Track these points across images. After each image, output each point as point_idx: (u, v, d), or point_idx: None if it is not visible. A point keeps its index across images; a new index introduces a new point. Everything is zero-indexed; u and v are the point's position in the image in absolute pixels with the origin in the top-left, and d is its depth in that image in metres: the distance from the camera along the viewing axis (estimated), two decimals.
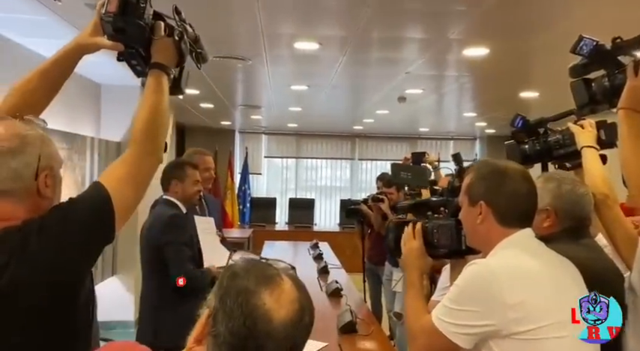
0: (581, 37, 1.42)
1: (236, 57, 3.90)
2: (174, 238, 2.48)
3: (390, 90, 5.13)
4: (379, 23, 2.99)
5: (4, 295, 1.05)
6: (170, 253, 2.46)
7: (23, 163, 1.10)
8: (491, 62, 3.81)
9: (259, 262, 0.93)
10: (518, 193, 1.26)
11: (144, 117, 1.26)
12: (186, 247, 2.50)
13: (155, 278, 2.53)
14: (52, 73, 1.34)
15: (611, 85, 1.39)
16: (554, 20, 2.93)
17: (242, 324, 0.80)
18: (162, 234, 2.48)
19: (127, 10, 1.22)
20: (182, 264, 2.45)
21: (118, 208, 1.17)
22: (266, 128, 9.95)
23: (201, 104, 6.59)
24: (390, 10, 2.78)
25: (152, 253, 2.52)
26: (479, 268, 1.20)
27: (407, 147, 10.57)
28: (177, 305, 2.49)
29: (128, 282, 5.41)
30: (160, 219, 2.54)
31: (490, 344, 1.17)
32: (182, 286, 2.39)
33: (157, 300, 2.52)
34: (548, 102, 5.74)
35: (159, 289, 2.51)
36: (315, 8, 2.81)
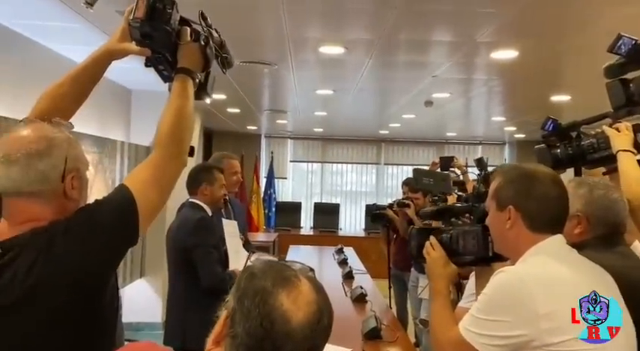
0: (619, 35, 1.37)
1: (262, 62, 3.93)
2: (203, 241, 2.51)
3: (416, 94, 5.08)
4: (406, 26, 2.96)
5: (31, 294, 1.07)
6: (199, 255, 2.48)
7: (50, 165, 1.12)
8: (521, 65, 3.73)
9: (277, 263, 0.92)
10: (549, 198, 1.22)
11: (169, 121, 1.27)
12: (215, 250, 2.53)
13: (183, 280, 2.55)
14: (82, 79, 1.37)
15: None
16: (586, 21, 2.85)
17: (259, 325, 0.80)
18: (190, 236, 2.51)
19: (154, 16, 1.24)
20: (211, 266, 2.48)
21: (143, 211, 1.18)
22: (292, 133, 10.00)
23: (228, 109, 6.66)
24: (417, 12, 2.75)
25: (180, 255, 2.55)
26: (508, 276, 1.16)
27: (434, 152, 10.44)
28: (205, 307, 2.50)
29: (156, 284, 5.49)
30: (188, 222, 2.57)
31: None
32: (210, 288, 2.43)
33: (185, 302, 2.54)
34: (581, 105, 5.59)
35: (187, 291, 2.53)
36: (340, 12, 2.80)
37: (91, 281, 1.12)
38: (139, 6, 1.24)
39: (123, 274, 4.97)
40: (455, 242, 1.41)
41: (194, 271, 2.49)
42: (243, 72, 4.33)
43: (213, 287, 2.56)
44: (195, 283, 2.49)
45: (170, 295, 2.68)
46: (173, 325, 2.59)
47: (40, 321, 1.08)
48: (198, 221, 2.55)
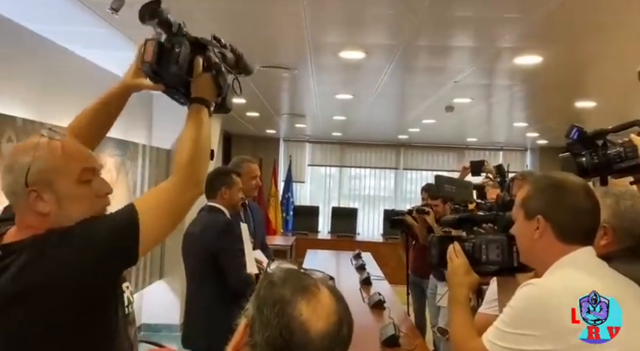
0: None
1: (282, 66, 3.94)
2: (231, 245, 2.54)
3: (437, 99, 5.04)
4: (427, 31, 2.94)
5: (17, 299, 1.08)
6: (227, 259, 2.50)
7: (12, 179, 1.13)
8: (544, 71, 3.67)
9: (297, 271, 0.91)
10: (581, 208, 1.19)
11: (185, 150, 1.27)
12: (241, 254, 2.55)
13: (208, 284, 2.57)
14: (101, 112, 1.40)
15: None
16: (612, 27, 2.79)
17: (278, 334, 0.79)
18: (217, 240, 2.53)
19: (162, 59, 1.24)
20: (238, 270, 2.51)
21: (147, 235, 1.17)
22: (310, 136, 10.01)
23: (247, 113, 6.70)
24: (439, 17, 2.72)
25: (206, 258, 2.56)
26: (536, 288, 1.13)
27: (454, 157, 10.35)
28: (231, 311, 2.53)
29: (175, 286, 5.54)
30: (214, 225, 2.59)
31: None
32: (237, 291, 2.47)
33: (210, 305, 2.55)
34: (606, 112, 5.48)
35: (212, 294, 2.55)
36: (361, 17, 2.80)
37: (81, 291, 1.10)
38: (147, 49, 1.24)
39: (143, 276, 5.03)
40: (478, 251, 1.38)
41: (219, 275, 2.52)
42: (263, 76, 4.35)
43: (240, 291, 2.59)
44: (220, 287, 2.52)
45: (191, 299, 2.70)
46: (197, 328, 2.60)
47: (26, 328, 1.09)
48: (226, 225, 2.59)
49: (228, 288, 2.51)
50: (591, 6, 2.51)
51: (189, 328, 2.69)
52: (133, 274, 4.56)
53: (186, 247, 2.74)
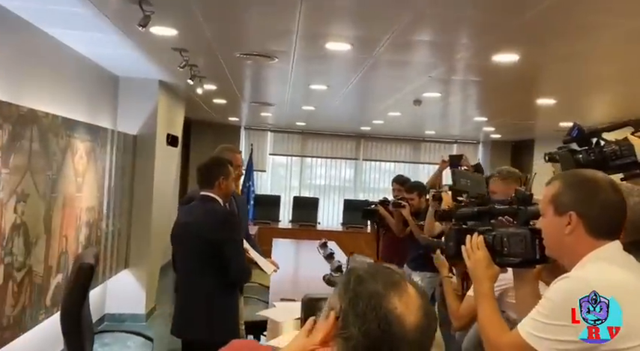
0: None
1: (263, 54, 3.90)
2: (234, 236, 2.57)
3: (408, 92, 5.15)
4: (418, 26, 3.00)
5: None
6: (231, 249, 2.52)
7: None
8: (517, 68, 3.84)
9: (380, 266, 0.94)
10: (611, 204, 1.25)
11: None
12: (242, 243, 2.57)
13: (208, 274, 2.56)
14: None
15: None
16: (585, 30, 2.96)
17: (376, 327, 0.82)
18: (221, 230, 2.53)
19: None
20: (241, 260, 2.56)
21: None
22: (272, 125, 9.95)
23: (215, 100, 6.57)
24: (432, 14, 2.79)
25: (207, 248, 2.54)
26: (575, 282, 1.18)
27: (411, 149, 10.63)
28: (231, 299, 2.57)
29: (140, 275, 5.40)
30: (216, 215, 2.58)
31: None
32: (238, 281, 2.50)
33: (211, 295, 2.56)
34: (564, 109, 5.81)
35: (213, 284, 2.55)
36: (357, 9, 2.82)
37: None
38: None
39: (109, 265, 4.87)
40: (499, 244, 1.42)
41: (220, 265, 2.52)
42: (240, 64, 4.29)
43: (241, 280, 2.62)
44: (220, 276, 2.53)
45: (188, 288, 2.67)
46: (196, 318, 2.58)
47: None
48: (229, 216, 2.61)
49: (228, 277, 2.53)
50: (565, 12, 2.64)
51: (185, 318, 2.66)
52: (100, 264, 4.41)
53: (183, 237, 2.69)
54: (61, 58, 3.92)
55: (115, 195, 4.88)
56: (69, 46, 4.00)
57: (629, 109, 5.53)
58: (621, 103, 5.48)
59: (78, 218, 3.97)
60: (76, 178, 3.90)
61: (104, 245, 4.69)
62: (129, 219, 5.32)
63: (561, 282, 1.20)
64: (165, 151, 5.97)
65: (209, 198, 2.66)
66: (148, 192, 5.42)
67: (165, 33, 3.35)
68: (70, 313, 2.28)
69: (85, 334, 2.38)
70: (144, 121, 5.39)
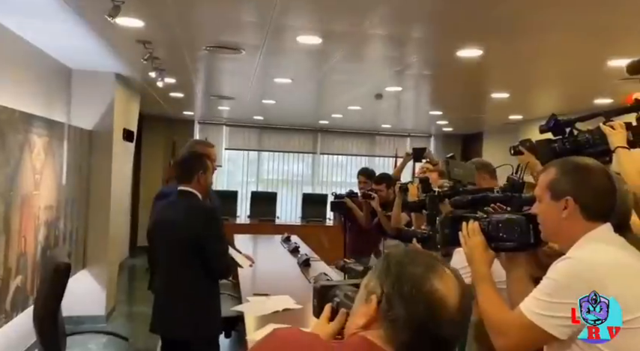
0: None
1: (230, 47, 3.84)
2: (217, 231, 2.54)
3: (371, 86, 5.23)
4: (389, 21, 3.06)
5: None
6: (214, 245, 2.49)
7: None
8: (479, 64, 3.99)
9: (417, 251, 0.98)
10: (604, 189, 1.33)
11: None
12: (225, 238, 2.55)
13: (192, 270, 2.53)
14: None
15: None
16: (546, 28, 3.12)
17: (423, 308, 0.85)
18: (205, 226, 2.49)
19: None
20: (226, 255, 2.56)
21: None
22: (228, 119, 9.80)
23: (171, 93, 6.40)
24: (403, 9, 2.86)
25: (190, 244, 2.49)
26: (577, 262, 1.24)
27: (367, 142, 10.79)
28: (215, 295, 2.55)
29: (99, 275, 5.21)
30: (199, 211, 2.53)
31: None
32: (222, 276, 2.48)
33: (194, 291, 2.52)
34: (516, 103, 6.10)
35: (196, 280, 2.52)
36: (329, 2, 2.83)
37: None
38: None
39: None
40: (495, 229, 1.48)
41: (203, 261, 2.49)
42: (204, 57, 4.21)
43: (225, 275, 2.60)
44: (204, 272, 2.50)
45: (168, 286, 2.61)
46: (179, 316, 2.53)
47: None
48: (212, 211, 2.57)
49: (211, 273, 2.50)
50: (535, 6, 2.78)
51: (168, 315, 2.60)
52: None
53: (164, 234, 2.62)
54: (13, 49, 3.70)
55: (71, 193, 4.67)
56: (20, 37, 3.78)
57: (574, 102, 5.89)
58: (567, 97, 5.82)
59: (36, 218, 3.78)
60: (34, 175, 3.70)
61: (62, 245, 4.48)
62: (86, 217, 5.11)
63: (563, 262, 1.27)
64: (122, 147, 5.77)
65: (188, 193, 2.61)
66: (105, 189, 5.22)
67: (131, 24, 3.23)
68: (47, 316, 2.18)
69: (60, 336, 2.29)
70: (100, 115, 5.18)
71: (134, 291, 7.08)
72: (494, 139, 9.63)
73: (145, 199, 9.19)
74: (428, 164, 3.71)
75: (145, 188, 9.50)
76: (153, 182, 9.57)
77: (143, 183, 9.60)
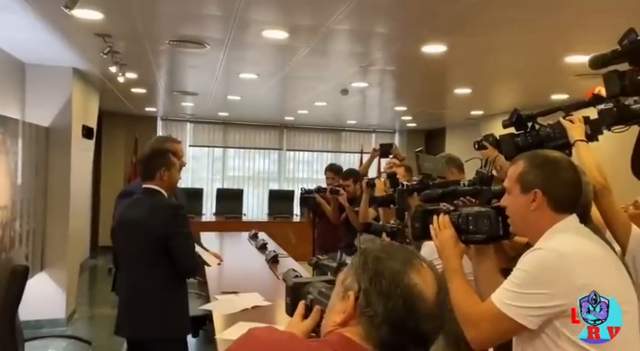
0: (631, 29, 1.44)
1: (194, 41, 3.76)
2: (183, 229, 2.47)
3: (337, 82, 5.24)
4: (355, 16, 3.06)
5: None
6: (179, 242, 2.44)
7: None
8: (443, 60, 4.05)
9: (393, 245, 0.97)
10: (571, 182, 1.37)
11: None
12: (191, 236, 2.49)
13: (158, 270, 2.46)
14: None
15: None
16: (508, 24, 3.20)
17: (401, 303, 0.84)
18: (169, 224, 2.43)
19: None
20: (190, 254, 2.48)
21: None
22: (192, 116, 9.63)
23: (133, 89, 6.23)
24: (369, 4, 2.86)
25: (156, 243, 2.43)
26: (547, 253, 1.26)
27: (332, 138, 10.82)
28: (182, 294, 2.50)
29: (58, 277, 5.02)
30: (163, 209, 2.47)
31: (555, 323, 1.24)
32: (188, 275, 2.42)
33: (161, 291, 2.46)
34: (478, 98, 6.23)
35: (163, 279, 2.46)
36: None
37: None
38: None
39: None
40: (465, 222, 1.50)
41: (169, 259, 2.44)
42: (168, 52, 4.11)
43: (191, 273, 2.54)
44: (171, 272, 2.45)
45: (134, 287, 2.53)
46: (145, 317, 2.46)
47: None
48: (177, 209, 2.51)
49: (178, 272, 2.45)
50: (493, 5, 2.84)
51: (134, 316, 2.53)
52: None
53: (128, 233, 2.54)
54: None
55: (28, 192, 4.48)
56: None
57: (532, 97, 6.07)
58: (526, 93, 5.99)
59: None
60: None
61: (18, 247, 4.29)
62: (44, 217, 4.91)
63: (532, 253, 1.30)
64: (81, 144, 5.57)
65: (152, 191, 2.54)
66: (64, 188, 5.03)
67: (90, 16, 3.12)
68: (4, 321, 2.08)
69: (18, 342, 2.19)
70: (57, 111, 4.98)
71: (95, 293, 6.88)
72: (457, 134, 9.84)
73: (106, 198, 8.94)
74: (394, 160, 3.75)
75: (105, 187, 9.24)
76: (114, 180, 9.32)
77: (104, 181, 9.33)
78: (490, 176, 1.62)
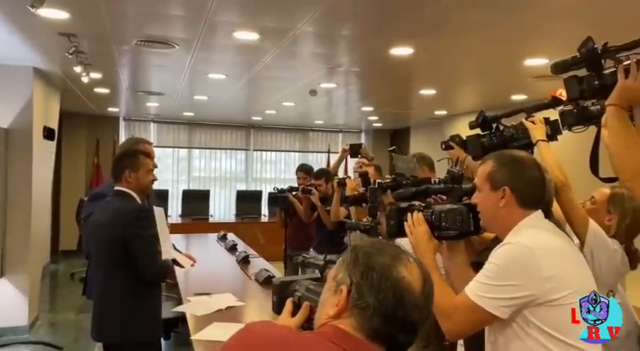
0: (589, 38, 1.52)
1: (164, 42, 3.73)
2: (144, 232, 2.41)
3: (306, 83, 5.28)
4: (326, 20, 3.11)
5: None
6: (140, 246, 2.38)
7: None
8: (410, 62, 4.16)
9: (381, 242, 1.03)
10: (536, 180, 1.45)
11: None
12: (155, 240, 2.43)
13: (121, 274, 2.42)
14: None
15: (600, 85, 1.51)
16: (474, 27, 3.32)
17: (392, 295, 0.91)
18: (130, 227, 2.38)
19: None
20: (152, 257, 2.41)
21: None
22: (156, 116, 9.47)
23: (96, 89, 6.09)
24: (338, 8, 2.91)
25: (117, 247, 2.39)
26: (516, 247, 1.34)
27: (300, 138, 10.86)
28: (147, 297, 2.46)
29: (20, 283, 4.86)
30: (124, 212, 2.42)
31: (524, 313, 1.32)
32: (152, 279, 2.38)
33: (126, 295, 2.42)
34: (442, 99, 6.40)
35: (127, 283, 2.41)
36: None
37: None
38: None
39: None
40: (437, 219, 1.57)
41: (132, 264, 2.39)
42: (135, 51, 4.05)
43: (155, 278, 2.49)
44: (134, 276, 2.40)
45: (101, 290, 2.50)
46: (110, 320, 2.44)
47: None
48: (139, 211, 2.44)
49: (142, 276, 2.41)
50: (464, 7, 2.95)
51: (102, 320, 2.50)
52: None
53: (93, 236, 2.52)
54: None
55: None
56: None
57: (493, 98, 6.30)
58: (487, 94, 6.20)
59: None
60: None
61: None
62: (4, 222, 4.75)
63: (503, 248, 1.37)
64: (43, 146, 5.41)
65: (121, 193, 2.52)
66: (25, 191, 4.87)
67: (55, 16, 3.05)
68: None
69: None
70: (17, 112, 4.82)
71: (58, 298, 6.68)
72: (421, 133, 10.06)
73: (67, 201, 8.69)
74: (363, 159, 3.83)
75: (66, 189, 8.98)
76: (75, 183, 9.07)
77: (64, 183, 9.05)
78: (461, 175, 1.70)
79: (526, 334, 1.35)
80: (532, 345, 1.34)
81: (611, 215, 2.04)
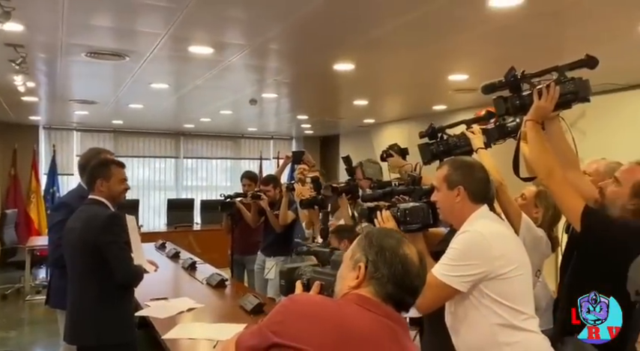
0: (512, 67, 1.94)
1: (116, 53, 3.77)
2: (118, 238, 2.49)
3: (248, 93, 5.46)
4: (283, 38, 3.36)
5: None
6: (113, 252, 2.46)
7: None
8: (350, 76, 4.51)
9: (387, 229, 1.32)
10: (483, 179, 1.82)
11: None
12: (127, 246, 2.54)
13: (94, 279, 2.49)
14: None
15: (520, 104, 1.94)
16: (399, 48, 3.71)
17: (400, 267, 1.21)
18: (103, 234, 2.45)
19: None
20: (125, 263, 2.50)
21: None
22: (80, 124, 9.11)
23: (24, 97, 5.82)
24: (297, 29, 3.17)
25: (89, 253, 2.47)
26: (472, 234, 1.68)
27: (231, 145, 10.89)
28: (120, 303, 2.54)
29: None
30: (96, 219, 2.49)
31: (480, 286, 1.65)
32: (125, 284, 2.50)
33: (99, 300, 2.48)
34: (374, 109, 6.87)
35: (100, 289, 2.49)
36: (228, 18, 3.02)
37: None
38: None
39: None
40: (403, 215, 1.89)
41: (105, 269, 2.47)
42: (81, 62, 4.02)
43: (128, 283, 2.58)
44: (107, 281, 2.48)
45: (76, 295, 2.56)
46: (84, 324, 2.50)
47: None
48: (111, 218, 2.52)
49: (115, 282, 2.50)
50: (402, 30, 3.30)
51: (74, 324, 2.56)
52: None
53: (68, 243, 2.57)
54: None
55: None
56: None
57: (416, 108, 6.88)
58: (412, 104, 6.76)
59: None
60: None
61: None
62: None
63: (462, 235, 1.73)
64: None
65: (96, 201, 2.60)
66: None
67: (9, 28, 3.02)
68: None
69: None
70: None
71: None
72: (350, 140, 10.56)
73: None
74: (304, 165, 4.11)
75: None
76: None
77: None
78: (420, 178, 2.03)
79: (480, 304, 1.70)
80: (486, 312, 1.70)
81: (537, 209, 2.46)
